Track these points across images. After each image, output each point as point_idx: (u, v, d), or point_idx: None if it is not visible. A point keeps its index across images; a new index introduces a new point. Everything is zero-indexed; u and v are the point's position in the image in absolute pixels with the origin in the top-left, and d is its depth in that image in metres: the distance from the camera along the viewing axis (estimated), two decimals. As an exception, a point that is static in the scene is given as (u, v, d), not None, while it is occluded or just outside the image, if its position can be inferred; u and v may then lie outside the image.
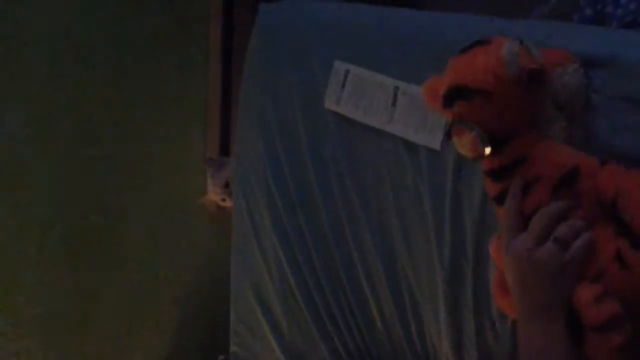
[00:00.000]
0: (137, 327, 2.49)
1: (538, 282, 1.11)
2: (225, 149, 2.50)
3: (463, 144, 1.17)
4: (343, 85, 1.60)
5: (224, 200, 2.24)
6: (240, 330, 1.92)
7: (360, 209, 1.60)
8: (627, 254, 1.07)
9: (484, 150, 1.14)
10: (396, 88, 1.50)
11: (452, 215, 1.42)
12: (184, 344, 2.63)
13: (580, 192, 1.11)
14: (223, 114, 2.51)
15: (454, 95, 1.16)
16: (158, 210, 2.44)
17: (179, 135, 2.48)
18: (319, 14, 1.73)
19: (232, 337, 1.95)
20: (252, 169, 1.81)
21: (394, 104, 1.51)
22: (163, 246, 2.49)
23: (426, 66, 1.46)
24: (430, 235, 1.47)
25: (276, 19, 1.78)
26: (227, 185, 2.17)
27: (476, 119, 1.14)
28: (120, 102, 2.30)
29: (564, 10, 1.77)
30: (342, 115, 1.61)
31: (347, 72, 1.59)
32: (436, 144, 1.43)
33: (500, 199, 1.19)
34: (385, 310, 1.60)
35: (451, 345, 1.48)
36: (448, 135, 1.19)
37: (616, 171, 1.10)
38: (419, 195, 1.48)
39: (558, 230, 1.10)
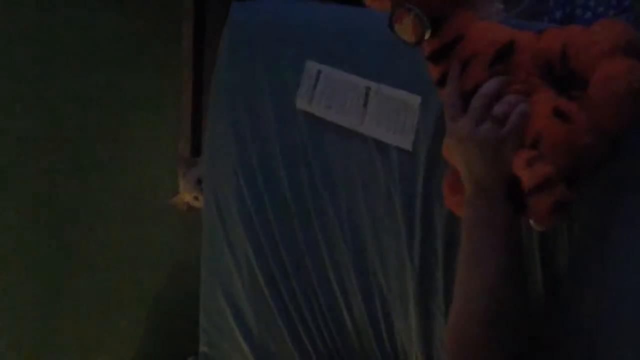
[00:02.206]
0: (105, 327, 2.48)
1: (481, 158, 1.16)
2: (196, 150, 2.49)
3: (404, 29, 1.20)
4: (315, 86, 1.59)
5: (196, 198, 2.23)
6: (209, 330, 1.90)
7: (331, 209, 1.60)
8: (566, 107, 1.10)
9: (424, 32, 1.18)
10: (368, 88, 1.51)
11: (422, 216, 1.43)
12: (152, 344, 2.62)
13: (517, 65, 1.15)
14: (194, 114, 2.51)
15: None
16: (128, 210, 2.44)
17: (150, 135, 2.48)
18: (291, 13, 1.73)
19: (202, 337, 1.93)
20: (223, 171, 1.80)
21: (365, 104, 1.51)
22: (133, 246, 2.49)
23: (399, 68, 1.48)
24: (401, 236, 1.47)
25: (248, 18, 1.77)
26: (199, 182, 2.17)
27: (412, 1, 1.17)
28: (91, 101, 2.29)
29: (535, 13, 1.78)
30: (314, 116, 1.60)
31: (319, 72, 1.59)
32: (408, 145, 1.44)
33: (442, 82, 1.23)
34: (355, 311, 1.60)
35: (421, 346, 1.48)
36: (390, 25, 1.21)
37: (558, 31, 1.15)
38: (390, 195, 1.48)
39: (495, 109, 1.14)
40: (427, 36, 1.18)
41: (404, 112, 1.44)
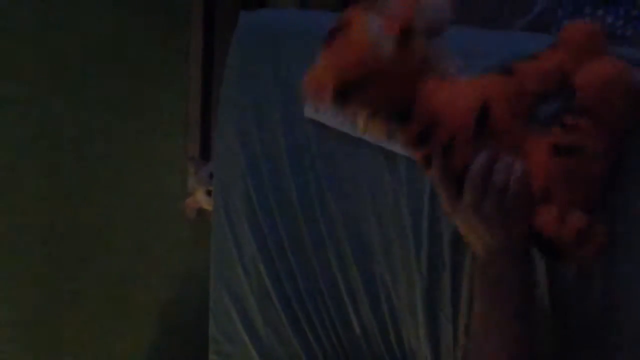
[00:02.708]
0: (113, 335, 2.49)
1: (490, 230, 1.14)
2: (205, 155, 2.50)
3: (377, 130, 1.17)
4: (322, 94, 1.60)
5: (209, 192, 2.22)
6: (218, 338, 1.91)
7: (339, 217, 1.61)
8: (565, 140, 1.08)
9: (397, 121, 1.15)
10: (375, 97, 1.51)
11: (429, 223, 1.43)
12: (161, 352, 2.62)
13: (497, 122, 1.11)
14: (203, 121, 2.52)
15: (343, 96, 1.14)
16: (137, 217, 2.45)
17: (159, 141, 2.48)
18: (299, 22, 1.74)
19: (211, 344, 1.94)
20: (231, 176, 1.81)
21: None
22: (140, 253, 2.49)
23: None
24: (409, 243, 1.48)
25: (256, 26, 1.78)
26: (212, 176, 2.16)
27: (373, 103, 1.14)
28: (102, 106, 2.30)
29: (543, 23, 1.78)
30: (321, 124, 1.61)
31: (327, 80, 1.60)
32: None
33: (427, 163, 1.19)
34: (363, 317, 1.60)
35: (429, 352, 1.49)
36: (362, 132, 1.19)
37: (525, 65, 1.13)
38: (397, 203, 1.49)
39: (492, 182, 1.12)
40: (402, 126, 1.16)
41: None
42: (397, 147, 1.47)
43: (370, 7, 1.14)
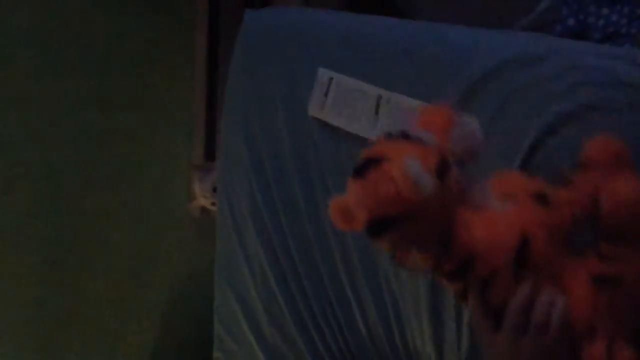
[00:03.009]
0: (118, 333, 2.49)
1: None
2: (210, 155, 2.50)
3: (415, 262, 1.14)
4: (326, 93, 1.60)
5: (213, 204, 2.23)
6: (223, 337, 1.91)
7: (344, 215, 1.60)
8: (607, 270, 1.05)
9: (435, 255, 1.12)
10: (379, 97, 1.52)
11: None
12: (166, 350, 2.63)
13: (536, 255, 1.07)
14: (208, 120, 2.52)
15: (377, 229, 1.11)
16: (142, 217, 2.45)
17: (164, 141, 2.49)
18: (304, 21, 1.74)
19: (216, 343, 1.95)
20: (236, 175, 1.81)
21: (376, 112, 1.52)
22: (146, 252, 2.49)
23: (409, 76, 1.49)
24: (413, 242, 1.47)
25: (261, 25, 1.79)
26: (215, 189, 2.18)
27: (411, 237, 1.11)
28: (107, 108, 2.30)
29: (547, 21, 1.78)
30: (325, 123, 1.61)
31: (330, 79, 1.60)
32: (418, 152, 1.44)
33: (463, 296, 1.17)
34: (368, 318, 1.60)
35: (433, 352, 1.49)
36: (399, 263, 1.16)
37: (566, 193, 1.10)
38: (401, 201, 1.48)
39: (534, 319, 1.07)
40: (440, 259, 1.13)
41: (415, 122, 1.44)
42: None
43: (401, 137, 1.14)
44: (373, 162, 1.11)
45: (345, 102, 1.58)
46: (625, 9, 1.67)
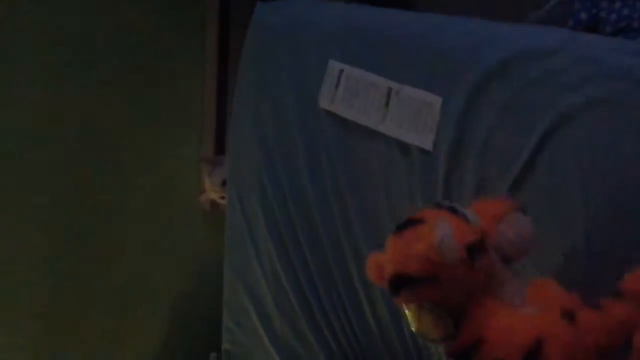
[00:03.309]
0: (127, 323, 2.50)
1: None
2: (220, 148, 2.50)
3: (425, 326, 1.14)
4: (337, 85, 1.61)
5: (223, 198, 2.24)
6: (232, 328, 1.92)
7: (354, 208, 1.61)
8: None
9: (446, 326, 1.12)
10: (389, 89, 1.52)
11: (443, 215, 1.43)
12: (175, 341, 2.63)
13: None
14: (219, 113, 2.52)
15: (398, 283, 1.13)
16: (152, 208, 2.46)
17: (174, 134, 2.49)
18: (314, 13, 1.74)
19: (225, 334, 1.95)
20: (246, 168, 1.82)
21: (387, 104, 1.52)
22: (156, 244, 2.50)
23: (420, 68, 1.49)
24: (422, 235, 1.47)
25: (272, 18, 1.79)
26: (224, 183, 2.18)
27: (422, 302, 1.12)
28: (117, 101, 2.31)
29: (560, 14, 1.78)
30: (336, 115, 1.62)
31: (340, 71, 1.60)
32: (428, 144, 1.45)
33: None
34: (377, 310, 1.60)
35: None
36: (412, 325, 1.16)
37: (594, 316, 1.09)
38: (412, 194, 1.49)
39: None
40: (451, 332, 1.13)
41: (424, 112, 1.45)
42: (410, 138, 1.48)
43: (448, 209, 1.15)
44: (412, 223, 1.14)
45: (355, 94, 1.58)
46: (637, 3, 1.67)
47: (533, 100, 1.34)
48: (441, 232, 1.07)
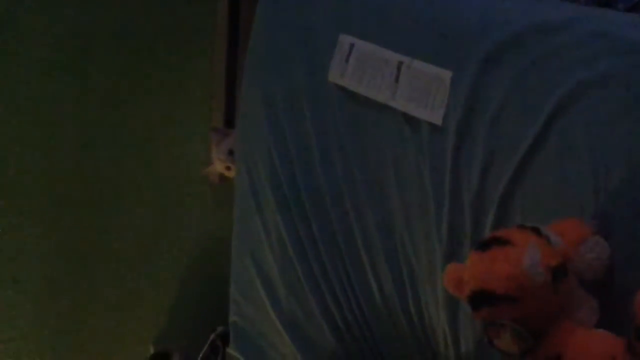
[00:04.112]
0: (137, 295, 2.52)
1: None
2: (230, 122, 2.50)
3: (504, 343, 1.16)
4: (347, 59, 1.60)
5: (228, 168, 2.24)
6: (239, 301, 1.93)
7: (361, 182, 1.61)
8: None
9: (526, 344, 1.14)
10: (400, 63, 1.51)
11: (451, 191, 1.44)
12: (183, 314, 2.66)
13: None
14: (228, 87, 2.52)
15: (479, 300, 1.16)
16: (161, 180, 2.47)
17: (183, 107, 2.50)
18: (326, -13, 1.73)
19: (232, 307, 1.96)
20: (255, 139, 1.82)
21: (397, 79, 1.51)
22: (165, 216, 2.52)
23: (431, 42, 1.48)
24: (430, 210, 1.48)
25: (282, -10, 1.79)
26: (231, 152, 2.18)
27: (508, 319, 1.14)
28: (127, 73, 2.32)
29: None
30: (345, 89, 1.61)
31: (351, 46, 1.60)
32: (438, 119, 1.45)
33: None
34: (383, 283, 1.61)
35: (448, 319, 1.49)
36: (489, 340, 1.18)
37: None
38: (420, 170, 1.49)
39: None
40: (531, 347, 1.15)
41: (435, 87, 1.44)
42: (420, 113, 1.47)
43: (532, 231, 1.16)
44: (498, 241, 1.16)
45: (365, 68, 1.57)
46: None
47: (544, 75, 1.33)
48: (531, 256, 1.11)
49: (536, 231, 1.17)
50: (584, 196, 1.28)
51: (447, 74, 1.44)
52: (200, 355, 2.62)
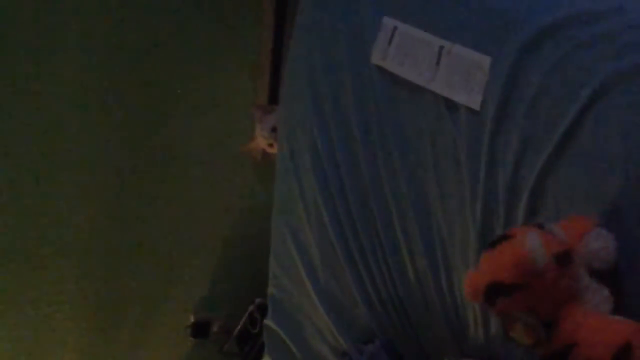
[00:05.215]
0: (179, 266, 2.57)
1: None
2: (274, 98, 2.53)
3: (519, 335, 1.20)
4: (390, 42, 1.63)
5: (270, 145, 2.27)
6: (278, 274, 1.98)
7: (399, 162, 1.64)
8: None
9: (539, 335, 1.18)
10: (441, 47, 1.53)
11: (486, 175, 1.46)
12: (223, 285, 2.70)
13: None
14: (273, 63, 2.54)
15: (493, 292, 1.20)
16: (205, 154, 2.51)
17: (229, 82, 2.52)
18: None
19: (271, 280, 2.02)
20: (298, 117, 1.86)
21: (438, 62, 1.54)
22: (209, 189, 2.55)
23: (472, 28, 1.50)
24: (465, 193, 1.50)
25: (329, -28, 1.80)
26: (274, 129, 2.21)
27: (520, 309, 1.19)
28: (176, 49, 2.35)
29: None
30: (387, 71, 1.64)
31: (394, 28, 1.62)
32: (476, 104, 1.47)
33: None
34: (417, 262, 1.64)
35: (479, 300, 1.52)
36: (505, 334, 1.23)
37: None
38: (456, 153, 1.52)
39: None
40: (543, 338, 1.19)
41: (474, 72, 1.46)
42: (459, 97, 1.50)
43: (536, 226, 1.22)
44: (504, 238, 1.22)
45: (407, 51, 1.60)
46: None
47: (581, 63, 1.34)
48: (531, 241, 1.17)
49: (539, 226, 1.23)
50: (614, 186, 1.29)
51: (486, 60, 1.45)
52: (239, 326, 2.68)
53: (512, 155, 1.41)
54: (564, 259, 1.18)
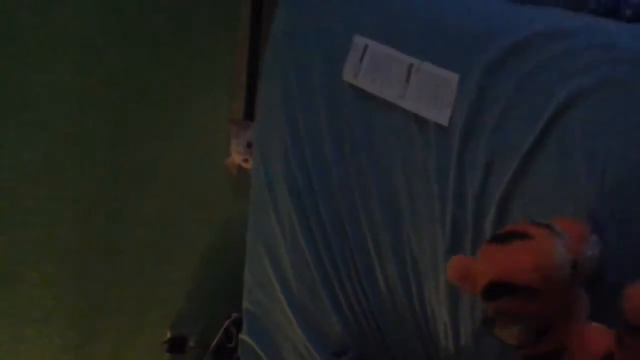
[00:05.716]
0: (153, 282, 2.56)
1: None
2: (249, 114, 2.54)
3: (507, 335, 1.19)
4: (361, 60, 1.65)
5: (246, 160, 2.28)
6: (253, 289, 1.99)
7: (371, 178, 1.66)
8: None
9: (530, 341, 1.18)
10: (410, 65, 1.56)
11: (455, 188, 1.49)
12: (199, 300, 2.70)
13: None
14: (249, 80, 2.56)
15: (497, 290, 1.17)
16: (181, 170, 2.51)
17: (205, 98, 2.53)
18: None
19: (246, 294, 2.02)
20: (272, 133, 1.87)
21: (407, 79, 1.57)
22: (183, 205, 2.55)
23: (440, 46, 1.53)
24: (435, 207, 1.53)
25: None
26: (249, 145, 2.22)
27: (519, 312, 1.17)
28: (150, 66, 2.35)
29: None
30: (359, 88, 1.67)
31: (365, 46, 1.65)
32: (444, 120, 1.50)
33: None
34: (389, 275, 1.66)
35: (449, 313, 1.54)
36: (486, 323, 1.21)
37: None
38: (426, 168, 1.55)
39: None
40: (531, 341, 1.19)
41: (442, 88, 1.49)
42: (428, 113, 1.53)
43: (545, 226, 1.20)
44: (518, 235, 1.18)
45: (378, 69, 1.63)
46: None
47: (546, 80, 1.39)
48: (557, 248, 1.15)
49: (549, 227, 1.20)
50: (581, 196, 1.33)
51: (454, 77, 1.49)
52: (215, 341, 2.68)
53: (480, 169, 1.44)
54: (575, 266, 1.17)
